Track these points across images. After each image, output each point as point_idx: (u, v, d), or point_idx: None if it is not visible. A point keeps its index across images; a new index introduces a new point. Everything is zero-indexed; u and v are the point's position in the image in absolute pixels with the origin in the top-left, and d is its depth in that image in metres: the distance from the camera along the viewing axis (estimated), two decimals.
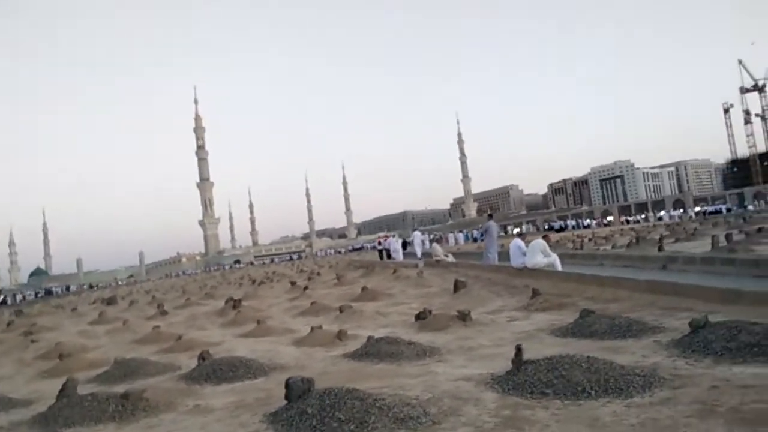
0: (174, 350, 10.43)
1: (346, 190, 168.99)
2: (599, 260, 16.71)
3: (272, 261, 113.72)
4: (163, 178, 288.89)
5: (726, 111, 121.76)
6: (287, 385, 4.98)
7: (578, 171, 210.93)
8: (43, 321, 19.85)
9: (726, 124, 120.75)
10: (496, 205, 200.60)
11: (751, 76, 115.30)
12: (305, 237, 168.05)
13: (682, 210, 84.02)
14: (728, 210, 70.64)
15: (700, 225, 38.32)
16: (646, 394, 4.49)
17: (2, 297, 78.29)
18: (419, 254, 25.69)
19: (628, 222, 74.47)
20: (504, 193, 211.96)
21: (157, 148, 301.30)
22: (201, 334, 12.35)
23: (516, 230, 76.10)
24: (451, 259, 19.60)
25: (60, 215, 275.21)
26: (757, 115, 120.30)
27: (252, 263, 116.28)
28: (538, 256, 12.77)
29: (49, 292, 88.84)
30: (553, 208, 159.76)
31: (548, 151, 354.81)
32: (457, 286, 13.21)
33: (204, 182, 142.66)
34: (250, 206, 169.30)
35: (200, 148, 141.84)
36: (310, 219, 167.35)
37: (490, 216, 17.95)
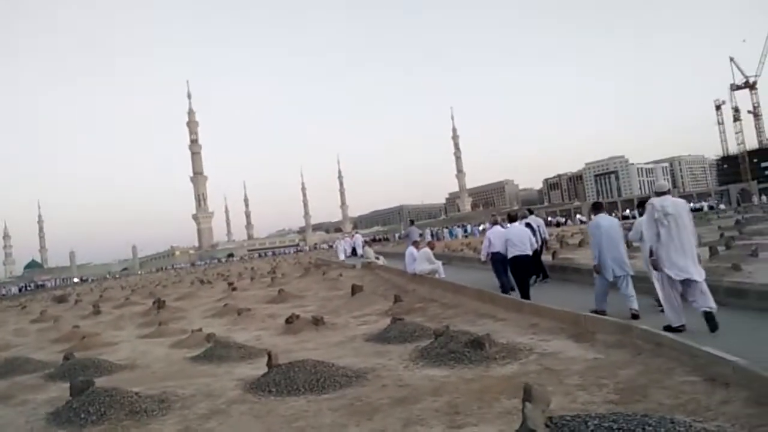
0: (77, 349, 11.55)
1: (341, 184, 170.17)
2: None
3: (266, 254, 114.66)
4: (158, 172, 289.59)
5: (718, 108, 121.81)
6: (71, 384, 6.12)
7: (573, 166, 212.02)
8: None
9: (718, 120, 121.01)
10: (492, 200, 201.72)
11: (743, 73, 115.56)
12: (301, 231, 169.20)
13: None
14: (710, 207, 70.95)
15: None
16: (347, 390, 5.61)
17: None
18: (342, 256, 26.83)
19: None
20: (499, 188, 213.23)
21: (153, 142, 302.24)
22: (110, 335, 13.49)
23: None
24: (381, 261, 20.72)
25: (55, 208, 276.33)
26: (749, 111, 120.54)
27: (244, 257, 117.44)
28: (424, 264, 13.87)
29: (40, 286, 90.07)
30: (546, 204, 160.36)
31: (544, 147, 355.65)
32: (354, 290, 14.31)
33: (197, 176, 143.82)
34: (245, 200, 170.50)
35: (193, 142, 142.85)
36: (306, 213, 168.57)
37: (412, 222, 19.04)
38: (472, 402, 4.65)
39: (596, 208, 8.51)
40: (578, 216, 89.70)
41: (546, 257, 13.75)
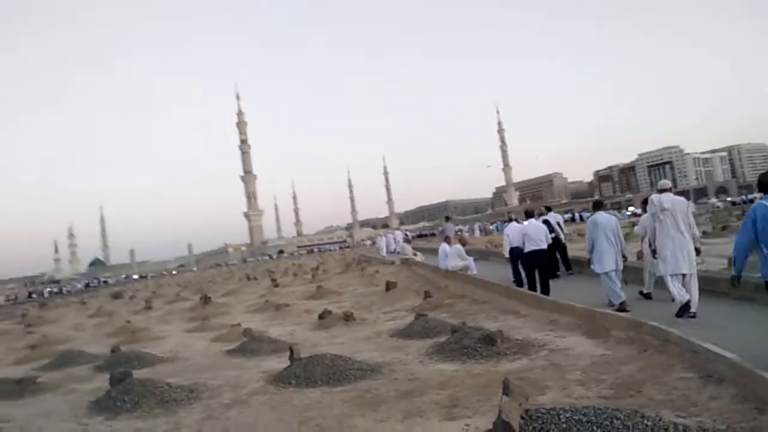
0: (126, 342, 12.32)
1: (387, 180, 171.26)
2: None
3: (314, 251, 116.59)
4: (211, 171, 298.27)
5: None
6: (111, 375, 6.66)
7: (626, 157, 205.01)
8: (52, 314, 22.47)
9: None
10: (540, 194, 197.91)
11: None
12: (348, 227, 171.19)
13: (725, 198, 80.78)
14: (751, 201, 67.41)
15: (713, 216, 37.62)
16: (360, 383, 5.91)
17: (59, 287, 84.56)
18: (384, 253, 27.33)
19: None
20: (548, 181, 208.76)
21: (206, 142, 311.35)
22: (158, 329, 14.27)
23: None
24: (419, 258, 20.90)
25: (117, 208, 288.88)
26: None
27: (293, 254, 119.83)
28: (456, 260, 14.00)
29: (103, 282, 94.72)
30: (597, 197, 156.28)
31: (595, 138, 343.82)
32: (388, 287, 14.61)
33: (247, 175, 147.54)
34: (294, 198, 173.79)
35: (243, 142, 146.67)
36: (353, 209, 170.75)
37: (448, 218, 19.11)
38: (473, 395, 4.84)
39: (596, 205, 9.06)
40: (631, 209, 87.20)
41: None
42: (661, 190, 7.42)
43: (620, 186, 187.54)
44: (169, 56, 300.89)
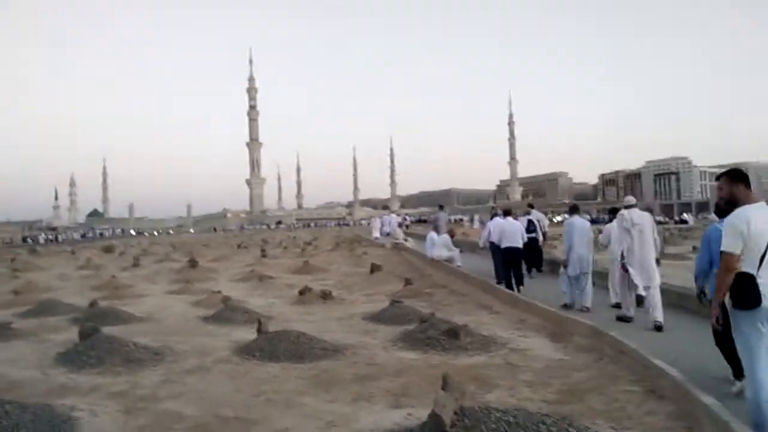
0: (109, 297, 12.45)
1: (392, 161, 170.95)
2: None
3: (312, 225, 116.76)
4: (216, 134, 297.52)
5: None
6: (80, 329, 6.78)
7: (633, 163, 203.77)
8: (41, 261, 22.65)
9: None
10: (543, 191, 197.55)
11: None
12: (349, 205, 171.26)
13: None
14: None
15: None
16: (321, 362, 6.02)
17: (55, 234, 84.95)
18: (377, 234, 27.75)
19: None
20: (552, 179, 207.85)
21: (214, 104, 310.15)
22: (142, 287, 14.41)
23: (557, 218, 74.54)
24: (410, 243, 21.03)
25: (119, 161, 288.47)
26: None
27: (291, 226, 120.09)
28: (442, 250, 14.11)
29: (100, 234, 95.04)
30: (600, 200, 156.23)
31: (603, 140, 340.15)
32: (373, 269, 14.72)
33: (253, 142, 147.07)
34: (298, 170, 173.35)
35: (252, 108, 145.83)
36: (355, 187, 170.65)
37: (441, 207, 19.20)
38: (425, 386, 4.93)
39: (572, 209, 9.55)
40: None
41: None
42: (628, 206, 7.78)
43: (624, 191, 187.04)
44: (182, 15, 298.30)
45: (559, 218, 76.84)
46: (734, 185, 3.70)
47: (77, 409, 4.50)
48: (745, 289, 3.45)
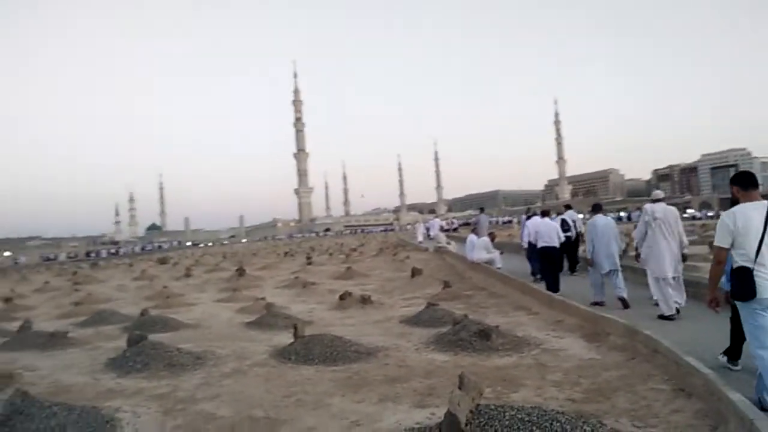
0: (161, 306, 13.02)
1: (437, 165, 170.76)
2: None
3: (359, 232, 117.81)
4: (265, 147, 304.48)
5: None
6: (128, 337, 7.15)
7: (688, 157, 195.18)
8: (101, 274, 23.77)
9: None
10: (594, 189, 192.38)
11: None
12: (396, 210, 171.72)
13: None
14: None
15: None
16: (353, 365, 6.14)
17: (117, 248, 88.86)
18: (420, 239, 27.71)
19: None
20: (603, 177, 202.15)
21: (262, 118, 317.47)
22: (192, 296, 14.97)
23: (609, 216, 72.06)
24: (451, 247, 20.93)
25: (174, 177, 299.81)
26: None
27: (339, 233, 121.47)
28: (482, 252, 14.02)
29: (158, 247, 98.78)
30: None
31: (655, 135, 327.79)
32: (414, 273, 14.80)
33: (300, 153, 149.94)
34: (344, 178, 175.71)
35: (298, 120, 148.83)
36: (401, 193, 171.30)
37: (482, 210, 19.05)
38: (451, 387, 4.96)
39: (595, 208, 9.39)
40: (689, 211, 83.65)
41: None
42: (655, 200, 7.89)
43: (680, 186, 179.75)
44: (229, 32, 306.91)
45: (612, 215, 75.00)
46: (732, 187, 4.12)
47: (121, 411, 4.77)
48: (741, 282, 3.78)
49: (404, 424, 4.06)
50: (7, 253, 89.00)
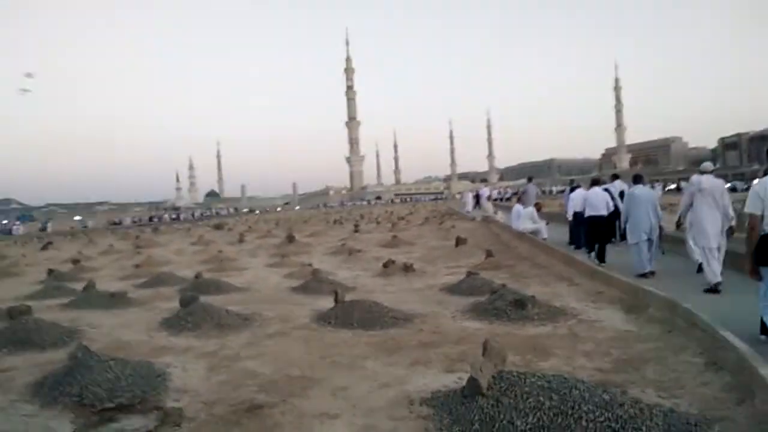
0: (215, 270, 13.64)
1: (489, 134, 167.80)
2: None
3: (409, 200, 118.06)
4: (317, 115, 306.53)
5: None
6: (181, 298, 7.61)
7: (758, 125, 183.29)
8: (161, 239, 24.95)
9: None
10: (654, 158, 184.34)
11: None
12: (446, 179, 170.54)
13: None
14: None
15: None
16: (390, 330, 6.36)
17: (178, 214, 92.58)
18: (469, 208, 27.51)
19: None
20: (665, 145, 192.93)
21: (316, 85, 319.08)
22: (244, 261, 15.58)
23: (672, 186, 69.21)
24: (499, 216, 20.82)
25: (231, 145, 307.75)
26: None
27: (390, 201, 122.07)
28: (528, 222, 13.91)
29: (217, 213, 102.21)
30: (719, 166, 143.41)
31: (722, 100, 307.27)
32: (458, 242, 14.85)
33: (351, 121, 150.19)
34: (395, 146, 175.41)
35: (349, 88, 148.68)
36: (452, 161, 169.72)
37: (530, 179, 18.70)
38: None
39: (635, 179, 9.41)
40: (756, 181, 78.95)
41: None
42: (703, 172, 7.85)
43: (749, 155, 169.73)
44: (279, 7, 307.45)
45: (672, 186, 71.81)
46: None
47: (172, 366, 5.15)
48: (765, 248, 3.97)
49: (430, 387, 4.23)
50: (77, 218, 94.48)
